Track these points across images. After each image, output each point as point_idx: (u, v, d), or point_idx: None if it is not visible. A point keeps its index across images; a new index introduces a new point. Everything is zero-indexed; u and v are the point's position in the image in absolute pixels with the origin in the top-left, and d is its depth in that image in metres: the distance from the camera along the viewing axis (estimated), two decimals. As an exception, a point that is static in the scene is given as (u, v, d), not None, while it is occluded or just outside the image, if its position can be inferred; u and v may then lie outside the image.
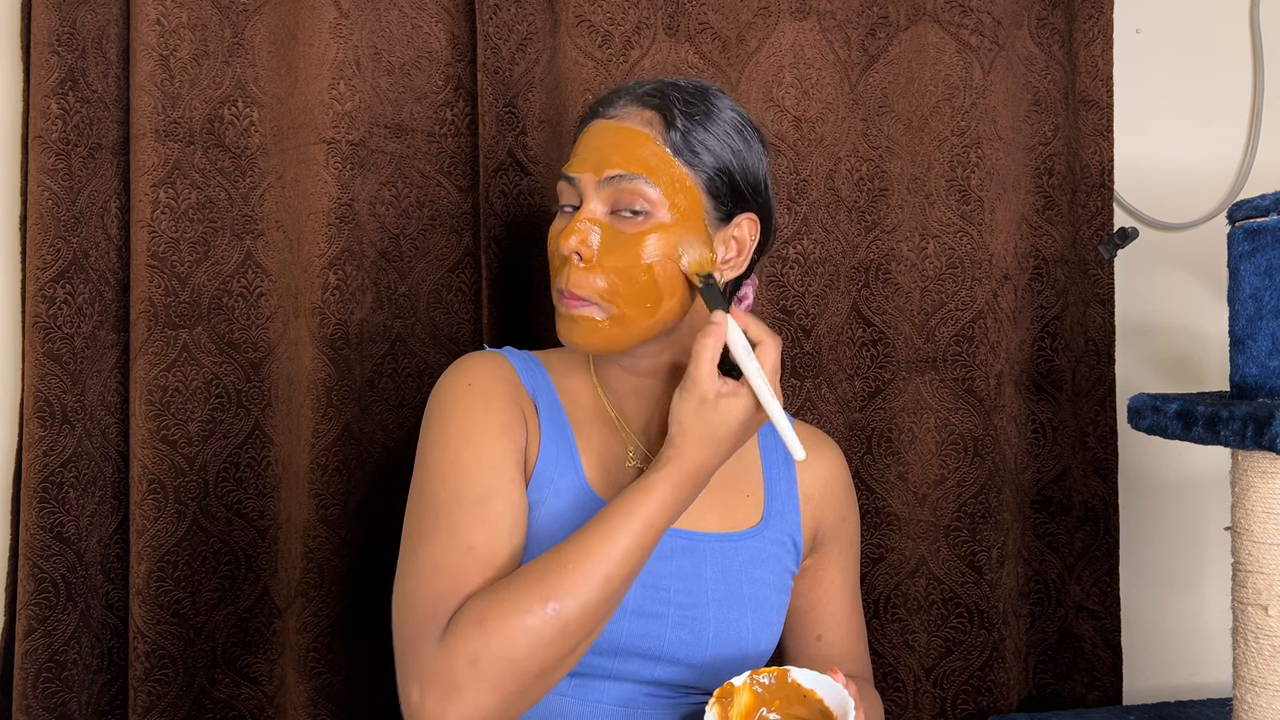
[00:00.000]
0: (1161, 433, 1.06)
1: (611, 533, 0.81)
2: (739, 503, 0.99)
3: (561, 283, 0.90)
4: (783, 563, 0.99)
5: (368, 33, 1.23)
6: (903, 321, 1.32)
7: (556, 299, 0.92)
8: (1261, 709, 0.97)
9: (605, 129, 0.92)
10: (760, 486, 1.01)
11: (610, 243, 0.89)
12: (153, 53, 1.19)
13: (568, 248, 0.88)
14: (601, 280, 0.89)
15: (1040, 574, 1.36)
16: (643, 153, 0.89)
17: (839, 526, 1.05)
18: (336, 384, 1.21)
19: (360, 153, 1.22)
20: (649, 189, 0.89)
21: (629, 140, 0.90)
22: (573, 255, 0.89)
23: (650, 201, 0.89)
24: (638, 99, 0.93)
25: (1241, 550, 0.99)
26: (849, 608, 1.06)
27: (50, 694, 1.17)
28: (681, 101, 0.92)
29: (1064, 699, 1.36)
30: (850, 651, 1.06)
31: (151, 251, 1.19)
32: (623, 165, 0.89)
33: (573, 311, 0.90)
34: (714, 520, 0.96)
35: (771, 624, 0.96)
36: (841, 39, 1.30)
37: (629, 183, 0.88)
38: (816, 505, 1.03)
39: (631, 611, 0.89)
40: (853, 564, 1.07)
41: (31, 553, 1.16)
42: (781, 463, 1.03)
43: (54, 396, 1.17)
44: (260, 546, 1.24)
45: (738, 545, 0.96)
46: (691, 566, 0.93)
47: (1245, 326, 1.03)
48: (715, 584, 0.93)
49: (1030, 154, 1.35)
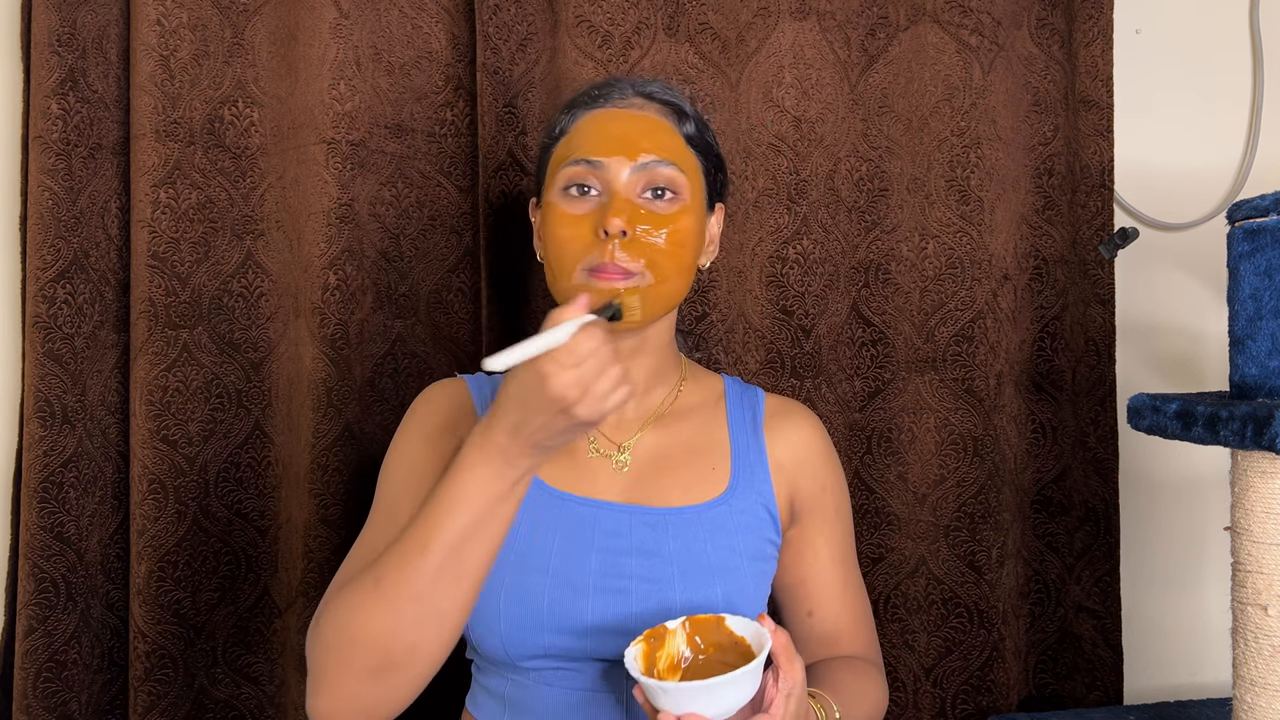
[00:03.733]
0: (1161, 433, 1.06)
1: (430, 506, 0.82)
2: (704, 476, 0.99)
3: (602, 258, 0.91)
4: (760, 532, 0.98)
5: (368, 33, 1.23)
6: (902, 321, 1.32)
7: (585, 277, 0.92)
8: (1261, 709, 0.97)
9: (622, 117, 0.96)
10: (727, 459, 1.01)
11: (648, 221, 0.93)
12: (153, 53, 1.19)
13: (614, 226, 0.90)
14: (644, 250, 0.92)
15: (1040, 574, 1.36)
16: (668, 141, 0.95)
17: (819, 497, 1.04)
18: (336, 384, 1.21)
19: (360, 153, 1.22)
20: (678, 174, 0.95)
21: (654, 128, 0.95)
22: (618, 233, 0.91)
23: (679, 186, 0.95)
24: (643, 94, 0.98)
25: (1241, 550, 0.99)
26: (840, 583, 1.04)
27: (50, 694, 1.17)
28: (681, 100, 1.00)
29: (1064, 699, 1.36)
30: (846, 629, 1.03)
31: (152, 251, 1.19)
32: (655, 150, 0.94)
33: (609, 285, 0.91)
34: (677, 495, 0.97)
35: (746, 591, 0.95)
36: (841, 39, 1.30)
37: (663, 168, 0.94)
38: (789, 474, 1.02)
39: (595, 588, 0.90)
40: (840, 537, 1.05)
41: (32, 552, 1.16)
42: (750, 434, 1.02)
43: (54, 396, 1.17)
44: (260, 546, 1.24)
45: (699, 515, 0.96)
46: (652, 541, 0.93)
47: (1245, 326, 1.03)
48: (679, 556, 0.93)
49: (1030, 154, 1.35)
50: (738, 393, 1.06)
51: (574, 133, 0.97)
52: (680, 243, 0.94)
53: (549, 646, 0.91)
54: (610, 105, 0.97)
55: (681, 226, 0.94)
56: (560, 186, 0.94)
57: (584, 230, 0.92)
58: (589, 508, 0.95)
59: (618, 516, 0.94)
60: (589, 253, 0.92)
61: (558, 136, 0.98)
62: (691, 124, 0.98)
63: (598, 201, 0.93)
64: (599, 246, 0.91)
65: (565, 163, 0.95)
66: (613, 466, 0.99)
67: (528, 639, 0.91)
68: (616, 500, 0.96)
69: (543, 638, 0.90)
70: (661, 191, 0.94)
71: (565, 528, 0.93)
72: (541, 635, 0.90)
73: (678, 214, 0.94)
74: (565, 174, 0.94)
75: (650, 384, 1.02)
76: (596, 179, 0.93)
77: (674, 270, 0.94)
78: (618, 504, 0.96)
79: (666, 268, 0.93)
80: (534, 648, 0.91)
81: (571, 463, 0.98)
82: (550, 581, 0.91)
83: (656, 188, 0.94)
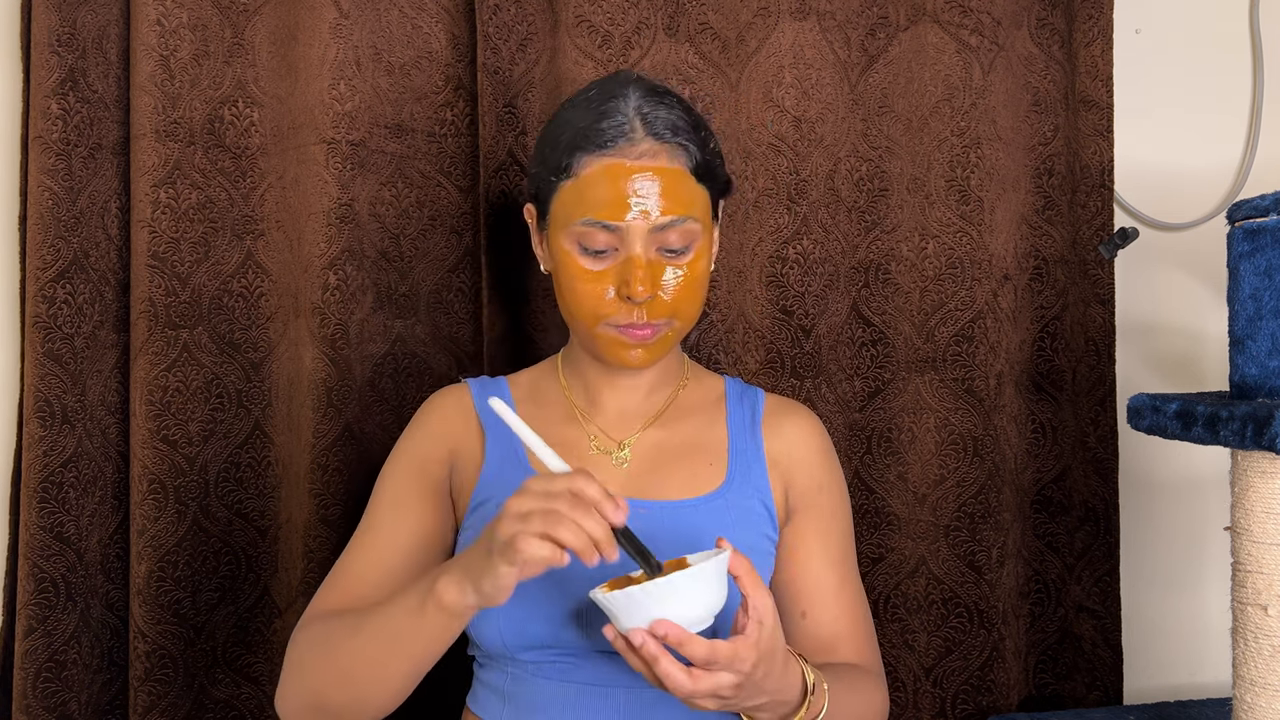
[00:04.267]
0: (1161, 433, 1.06)
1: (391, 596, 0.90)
2: (701, 471, 1.01)
3: (630, 318, 0.95)
4: (757, 527, 1.00)
5: (368, 33, 1.23)
6: (902, 321, 1.32)
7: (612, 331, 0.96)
8: (1261, 709, 0.97)
9: (636, 174, 0.93)
10: (724, 455, 1.02)
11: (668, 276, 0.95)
12: (153, 53, 1.19)
13: (640, 295, 0.93)
14: (667, 307, 0.96)
15: (1040, 574, 1.36)
16: (684, 194, 0.95)
17: (814, 496, 1.03)
18: (336, 384, 1.21)
19: (360, 153, 1.22)
20: (695, 225, 0.96)
21: (670, 185, 0.94)
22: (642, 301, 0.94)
23: (695, 236, 0.96)
24: (653, 134, 0.94)
25: (1241, 550, 0.99)
26: (835, 585, 1.02)
27: (50, 694, 1.17)
28: (688, 127, 0.96)
29: (1064, 699, 1.36)
30: (843, 634, 1.01)
31: (152, 251, 1.19)
32: (673, 210, 0.94)
33: (647, 341, 0.96)
34: (675, 489, 0.99)
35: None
36: (841, 39, 1.30)
37: (681, 225, 0.95)
38: (784, 470, 1.03)
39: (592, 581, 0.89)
40: (837, 538, 1.04)
41: (31, 552, 1.16)
42: (749, 432, 1.04)
43: (54, 396, 1.17)
44: (260, 546, 1.24)
45: (697, 508, 0.98)
46: (649, 534, 0.92)
47: (1245, 326, 1.03)
48: (675, 548, 0.92)
49: (1030, 154, 1.35)
50: (738, 393, 1.08)
51: (584, 181, 0.94)
52: (698, 282, 0.97)
53: (546, 637, 0.92)
54: (620, 154, 0.93)
55: (699, 269, 0.97)
56: (575, 240, 0.95)
57: (604, 287, 0.95)
58: None
59: None
60: (613, 311, 0.95)
61: (563, 172, 0.95)
62: (698, 152, 0.96)
63: (614, 258, 0.94)
64: (623, 307, 0.94)
65: (579, 220, 0.94)
66: (613, 463, 1.01)
67: (525, 630, 0.92)
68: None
69: (540, 628, 0.91)
70: (680, 248, 0.96)
71: None
72: (539, 626, 0.91)
73: (694, 259, 0.96)
74: (580, 231, 0.94)
75: (654, 386, 1.05)
76: (614, 240, 0.94)
77: (695, 307, 0.99)
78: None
79: (688, 310, 0.98)
80: (531, 638, 0.92)
81: (573, 459, 0.98)
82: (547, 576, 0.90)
83: (672, 249, 0.95)
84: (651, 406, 1.05)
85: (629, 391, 1.05)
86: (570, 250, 0.95)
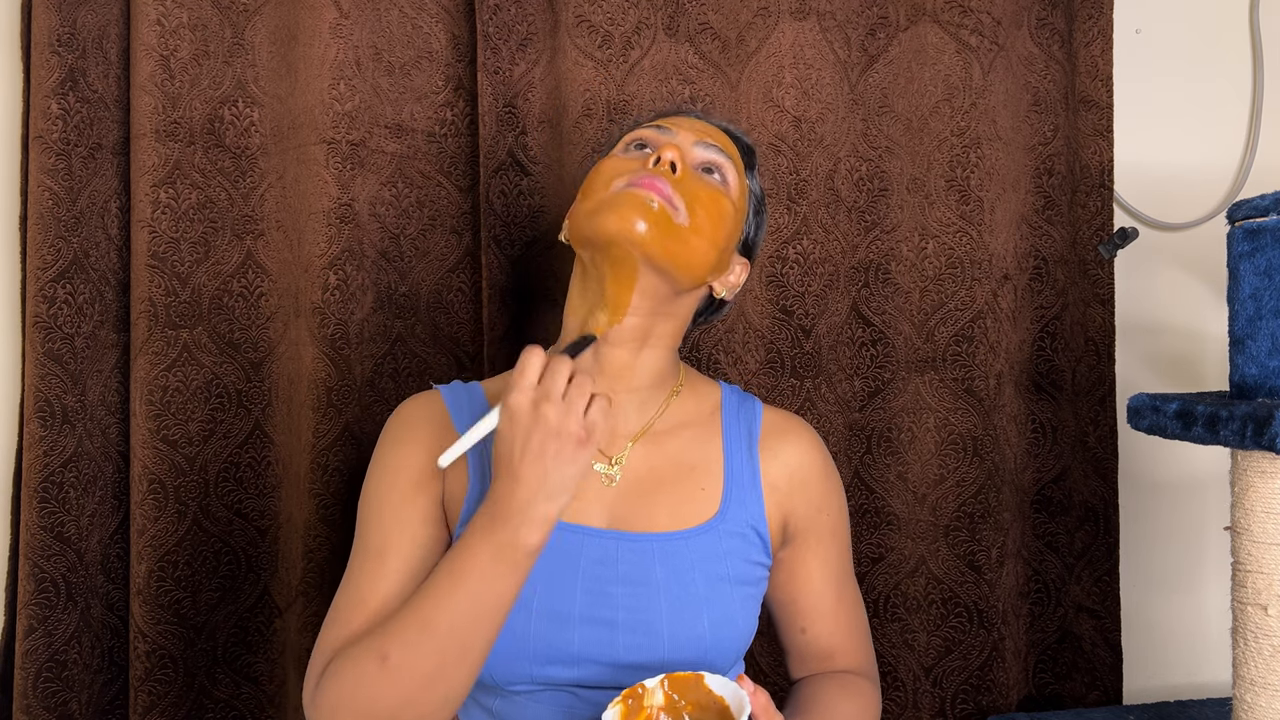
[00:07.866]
0: (1161, 433, 1.06)
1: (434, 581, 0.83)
2: (693, 497, 0.96)
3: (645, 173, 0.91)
4: (746, 555, 0.95)
5: (368, 33, 1.23)
6: (902, 321, 1.32)
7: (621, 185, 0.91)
8: (1261, 709, 0.97)
9: (696, 123, 0.99)
10: (719, 479, 0.97)
11: (697, 177, 0.94)
12: (153, 53, 1.19)
13: (666, 156, 0.91)
14: (688, 193, 0.92)
15: (1040, 574, 1.36)
16: (731, 152, 0.99)
17: (815, 518, 1.01)
18: (336, 384, 1.21)
19: (360, 153, 1.22)
20: (731, 173, 0.97)
21: (723, 139, 0.99)
22: (667, 164, 0.92)
23: (729, 183, 0.97)
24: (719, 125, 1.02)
25: (1241, 550, 0.99)
26: (833, 601, 1.02)
27: (51, 694, 1.17)
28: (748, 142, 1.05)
29: (1064, 699, 1.36)
30: (840, 646, 1.02)
31: (152, 251, 1.19)
32: (721, 144, 0.98)
33: (644, 194, 0.89)
34: (664, 518, 0.94)
35: (733, 619, 0.92)
36: (841, 39, 1.30)
37: (724, 157, 0.97)
38: (784, 495, 0.99)
39: (581, 619, 0.89)
40: (836, 556, 1.02)
41: (32, 552, 1.16)
42: (746, 452, 0.99)
43: (54, 396, 1.17)
44: (260, 546, 1.24)
45: (688, 542, 0.93)
46: (640, 570, 0.91)
47: (1245, 326, 1.03)
48: (666, 585, 0.91)
49: (1030, 154, 1.35)
50: (734, 405, 1.03)
51: (646, 122, 1.01)
52: (719, 214, 0.94)
53: (536, 675, 0.89)
54: (689, 115, 1.01)
55: (724, 205, 0.94)
56: (621, 146, 0.98)
57: (632, 165, 0.94)
58: (575, 534, 0.92)
59: (604, 544, 0.92)
60: (633, 167, 0.93)
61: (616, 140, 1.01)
62: (752, 169, 1.02)
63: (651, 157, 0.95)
64: (644, 170, 0.92)
65: (631, 128, 0.99)
66: (602, 481, 0.95)
67: (514, 668, 0.89)
68: (602, 525, 0.93)
69: (529, 668, 0.89)
70: (716, 173, 0.96)
71: (551, 555, 0.89)
72: (528, 665, 0.89)
73: (723, 194, 0.95)
74: (629, 136, 0.98)
75: (647, 394, 0.99)
76: (661, 141, 0.95)
77: (706, 226, 0.92)
78: (604, 530, 0.93)
79: (700, 219, 0.92)
80: (521, 676, 0.90)
81: None
82: (537, 613, 0.89)
83: (709, 168, 0.96)
84: (643, 416, 0.98)
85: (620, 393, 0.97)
86: (609, 155, 0.98)
